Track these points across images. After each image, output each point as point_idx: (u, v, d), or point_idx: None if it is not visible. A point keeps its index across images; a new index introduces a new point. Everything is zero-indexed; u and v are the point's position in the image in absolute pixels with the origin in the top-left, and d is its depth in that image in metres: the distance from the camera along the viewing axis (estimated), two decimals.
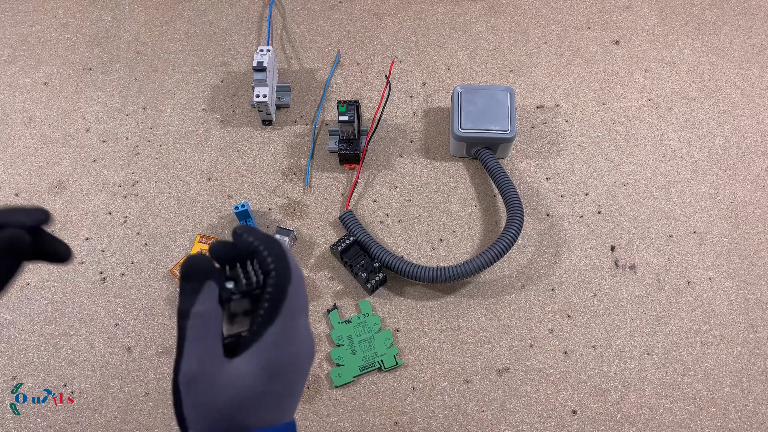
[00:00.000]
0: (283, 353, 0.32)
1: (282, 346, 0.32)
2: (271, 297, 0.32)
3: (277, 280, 0.32)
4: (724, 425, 0.65)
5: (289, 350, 0.32)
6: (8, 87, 0.87)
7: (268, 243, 0.33)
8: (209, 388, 0.30)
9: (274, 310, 0.31)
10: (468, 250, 0.75)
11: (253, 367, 0.31)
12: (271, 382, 0.31)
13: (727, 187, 0.79)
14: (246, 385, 0.31)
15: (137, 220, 0.77)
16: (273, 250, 0.33)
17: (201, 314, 0.31)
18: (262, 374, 0.31)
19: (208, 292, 0.31)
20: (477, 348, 0.69)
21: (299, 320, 0.33)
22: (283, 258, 0.33)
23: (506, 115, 0.76)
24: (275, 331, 0.31)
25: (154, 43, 0.91)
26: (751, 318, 0.71)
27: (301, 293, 0.33)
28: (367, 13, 0.94)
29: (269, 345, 0.31)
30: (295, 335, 0.32)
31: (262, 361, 0.31)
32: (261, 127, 0.83)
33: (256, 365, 0.31)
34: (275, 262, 0.32)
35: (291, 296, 0.32)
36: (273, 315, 0.31)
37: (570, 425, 0.65)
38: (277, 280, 0.32)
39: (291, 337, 0.32)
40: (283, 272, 0.32)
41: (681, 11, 0.93)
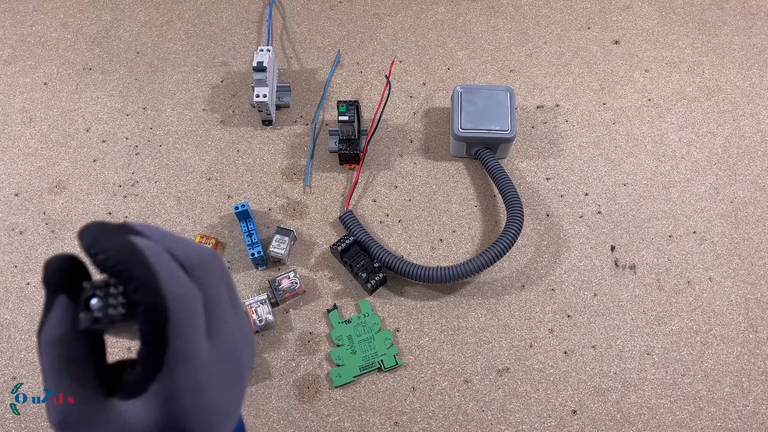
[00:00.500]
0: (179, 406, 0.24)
1: (176, 402, 0.24)
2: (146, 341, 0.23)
3: (147, 320, 0.22)
4: (724, 425, 0.65)
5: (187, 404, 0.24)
6: (8, 87, 0.87)
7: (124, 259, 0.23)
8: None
9: (153, 361, 0.23)
10: (468, 250, 0.75)
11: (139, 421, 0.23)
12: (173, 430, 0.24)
13: (727, 187, 0.79)
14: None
15: (137, 220, 0.77)
16: (134, 270, 0.22)
17: (50, 341, 0.24)
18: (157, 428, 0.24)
19: (59, 312, 0.24)
20: (477, 348, 0.69)
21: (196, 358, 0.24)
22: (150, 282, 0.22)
23: (506, 115, 0.76)
24: (161, 388, 0.23)
25: (154, 43, 0.91)
26: (751, 318, 0.71)
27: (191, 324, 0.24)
28: (367, 13, 0.94)
29: (157, 403, 0.23)
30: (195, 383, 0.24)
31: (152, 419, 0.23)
32: (261, 127, 0.83)
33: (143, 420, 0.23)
34: (140, 291, 0.22)
35: (174, 338, 0.23)
36: (153, 366, 0.23)
37: (570, 425, 0.65)
38: (147, 319, 0.22)
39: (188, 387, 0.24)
40: (153, 308, 0.22)
41: (681, 11, 0.93)
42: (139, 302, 0.22)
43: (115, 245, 0.23)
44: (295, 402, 0.67)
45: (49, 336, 0.24)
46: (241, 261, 0.74)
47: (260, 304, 0.69)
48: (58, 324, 0.24)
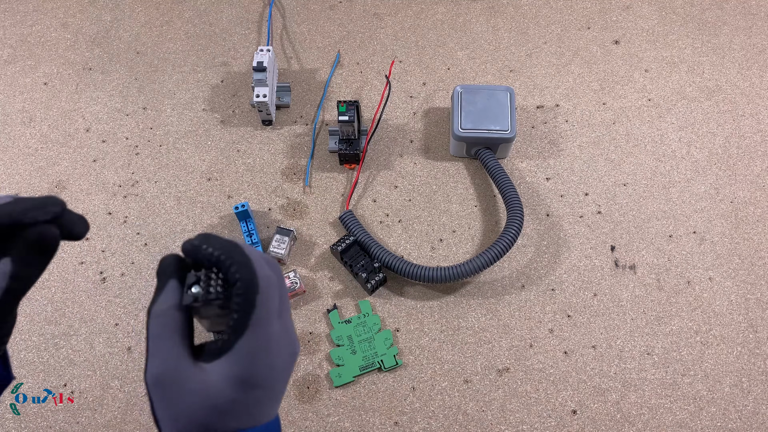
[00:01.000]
0: (253, 365, 0.30)
1: (253, 358, 0.30)
2: (239, 309, 0.30)
3: (243, 291, 0.30)
4: (724, 425, 0.65)
5: (261, 361, 0.31)
6: (8, 87, 0.87)
7: (229, 251, 0.31)
8: (176, 391, 0.29)
9: (242, 323, 0.30)
10: (468, 250, 0.75)
11: (223, 376, 0.30)
12: (243, 391, 0.30)
13: (727, 187, 0.79)
14: (216, 393, 0.30)
15: (137, 220, 0.77)
16: (236, 258, 0.31)
17: (159, 314, 0.30)
18: (232, 385, 0.30)
19: (168, 292, 0.31)
20: (477, 348, 0.69)
21: (272, 327, 0.31)
22: (248, 265, 0.30)
23: (506, 115, 0.76)
24: (245, 344, 0.30)
25: (154, 43, 0.91)
26: (751, 318, 0.71)
27: (272, 298, 0.31)
28: (367, 13, 0.94)
29: (239, 357, 0.30)
30: (268, 344, 0.31)
31: (233, 372, 0.30)
32: (261, 127, 0.83)
33: (226, 375, 0.30)
34: (240, 272, 0.30)
35: (260, 306, 0.30)
36: (242, 327, 0.30)
37: (570, 425, 0.65)
38: (244, 291, 0.30)
39: (262, 348, 0.31)
40: (249, 282, 0.30)
41: (681, 11, 0.93)
42: (238, 279, 0.30)
43: (220, 242, 0.31)
44: (295, 402, 0.67)
45: (159, 308, 0.30)
46: None
47: None
48: (168, 300, 0.31)
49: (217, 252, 0.31)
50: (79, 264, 0.74)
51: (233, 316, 0.30)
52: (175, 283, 0.31)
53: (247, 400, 0.31)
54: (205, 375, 0.30)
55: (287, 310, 0.33)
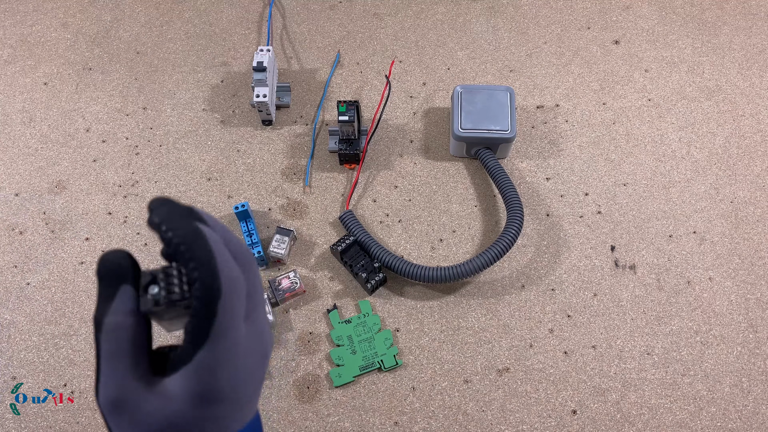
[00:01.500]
0: (214, 379, 0.27)
1: (213, 372, 0.27)
2: (197, 315, 0.26)
3: (202, 296, 0.26)
4: (724, 425, 0.65)
5: (222, 374, 0.27)
6: (8, 87, 0.87)
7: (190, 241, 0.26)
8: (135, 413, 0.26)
9: (201, 332, 0.26)
10: (468, 250, 0.75)
11: (181, 391, 0.27)
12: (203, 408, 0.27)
13: (727, 187, 0.79)
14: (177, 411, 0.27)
15: (137, 220, 0.77)
16: (196, 252, 0.26)
17: (113, 327, 0.26)
18: (194, 401, 0.27)
19: (122, 299, 0.26)
20: (477, 348, 0.69)
21: (236, 335, 0.27)
22: (209, 263, 0.26)
23: (506, 115, 0.76)
24: (203, 357, 0.26)
25: (154, 43, 0.91)
26: (751, 318, 0.71)
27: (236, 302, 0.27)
28: (367, 13, 0.94)
29: (197, 370, 0.26)
30: (231, 355, 0.27)
31: (191, 388, 0.27)
32: (261, 127, 0.83)
33: (184, 391, 0.27)
34: (199, 270, 0.26)
35: (222, 313, 0.26)
36: (200, 338, 0.26)
37: (570, 425, 0.65)
38: (203, 295, 0.26)
39: (224, 360, 0.27)
40: (209, 286, 0.26)
41: (681, 11, 0.93)
42: (197, 279, 0.26)
43: (183, 227, 0.26)
44: (295, 402, 0.67)
45: (112, 319, 0.26)
46: None
47: None
48: (122, 308, 0.26)
49: (177, 239, 0.26)
50: (79, 264, 0.74)
51: (191, 322, 0.26)
52: (128, 288, 0.26)
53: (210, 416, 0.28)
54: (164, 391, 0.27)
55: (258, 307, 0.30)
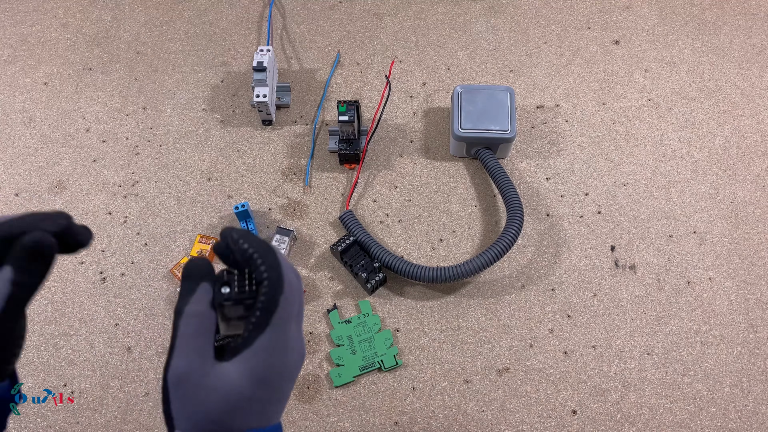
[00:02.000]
0: (271, 362, 0.32)
1: (271, 355, 0.32)
2: (263, 307, 0.32)
3: (269, 290, 0.32)
4: (724, 425, 0.65)
5: (277, 359, 0.32)
6: (8, 87, 0.87)
7: (263, 251, 0.33)
8: (197, 388, 0.30)
9: (265, 320, 0.31)
10: (468, 250, 0.75)
11: (241, 372, 0.31)
12: (258, 388, 0.32)
13: (727, 187, 0.79)
14: (233, 389, 0.31)
15: (137, 220, 0.77)
16: (267, 258, 0.32)
17: (192, 314, 0.31)
18: (249, 381, 0.31)
19: (202, 294, 0.32)
20: (477, 348, 0.69)
21: (290, 329, 0.33)
22: (277, 267, 0.32)
23: (506, 115, 0.76)
24: (265, 340, 0.31)
25: (154, 43, 0.91)
26: (751, 318, 0.71)
27: (293, 302, 0.33)
28: (367, 13, 0.94)
29: (258, 353, 0.31)
30: (285, 344, 0.32)
31: (251, 368, 0.31)
32: (261, 127, 0.83)
33: (244, 371, 0.31)
34: (268, 272, 0.32)
35: (282, 306, 0.32)
36: (263, 325, 0.31)
37: (570, 425, 0.65)
38: (269, 290, 0.32)
39: (280, 347, 0.32)
40: (275, 282, 0.32)
41: (681, 11, 0.93)
42: (266, 278, 0.32)
43: (257, 241, 0.33)
44: (295, 402, 0.67)
45: (192, 308, 0.32)
46: None
47: None
48: (201, 300, 0.32)
49: (252, 249, 0.33)
50: (79, 264, 0.74)
51: (256, 314, 0.32)
52: (207, 285, 0.32)
53: (261, 398, 0.32)
54: (225, 372, 0.31)
55: (301, 316, 0.35)
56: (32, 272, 0.31)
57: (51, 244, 0.32)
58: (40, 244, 0.31)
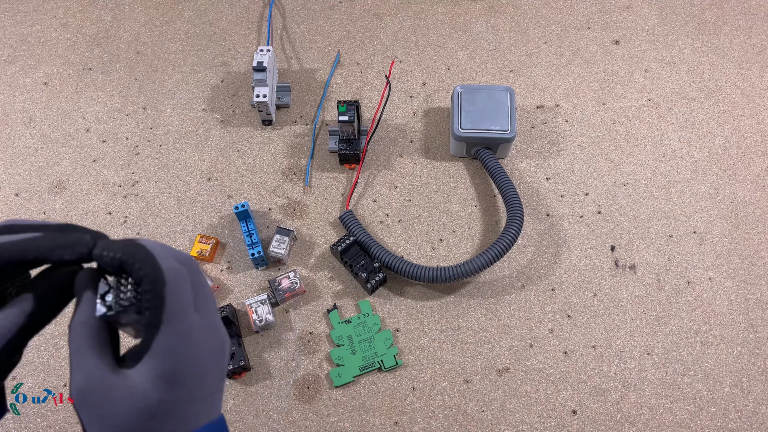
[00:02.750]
0: (175, 360, 0.30)
1: (172, 353, 0.30)
2: (149, 304, 0.29)
3: (150, 287, 0.29)
4: (724, 425, 0.65)
5: (182, 356, 0.30)
6: (8, 87, 0.87)
7: (130, 251, 0.30)
8: (103, 402, 0.29)
9: (155, 318, 0.29)
10: (468, 250, 0.75)
11: (146, 377, 0.29)
12: (169, 390, 0.30)
13: (727, 187, 0.79)
14: (143, 397, 0.29)
15: (137, 220, 0.77)
16: (138, 255, 0.30)
17: (77, 326, 0.30)
18: (157, 385, 0.29)
19: (85, 304, 0.30)
20: (477, 348, 0.69)
21: (189, 320, 0.30)
22: (150, 260, 0.29)
23: (506, 115, 0.76)
24: (162, 340, 0.29)
25: (154, 43, 0.91)
26: (751, 318, 0.71)
27: (183, 290, 0.30)
28: (367, 13, 0.94)
29: (158, 354, 0.29)
30: (188, 337, 0.30)
31: (155, 371, 0.29)
32: (261, 127, 0.83)
33: (149, 376, 0.29)
34: (143, 268, 0.29)
35: (170, 298, 0.29)
36: (156, 323, 0.29)
37: (570, 425, 0.65)
38: (150, 286, 0.29)
39: (182, 341, 0.30)
40: (153, 276, 0.29)
41: (681, 11, 0.93)
42: (143, 276, 0.29)
43: (119, 244, 0.30)
44: (295, 402, 0.67)
45: (76, 320, 0.30)
46: (241, 261, 0.74)
47: (260, 304, 0.69)
48: (82, 312, 0.30)
49: (118, 254, 0.30)
50: None
51: (145, 314, 0.29)
52: (90, 294, 0.30)
53: (175, 398, 0.30)
54: (129, 380, 0.29)
55: (209, 305, 0.33)
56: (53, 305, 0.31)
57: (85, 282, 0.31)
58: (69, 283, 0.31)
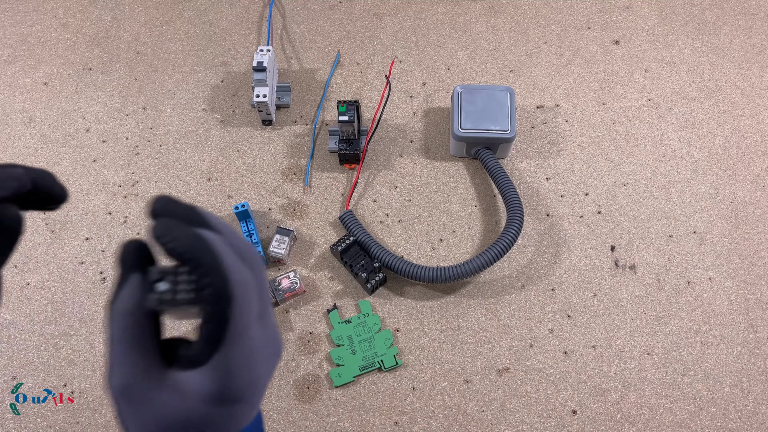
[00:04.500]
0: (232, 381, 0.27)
1: (230, 374, 0.27)
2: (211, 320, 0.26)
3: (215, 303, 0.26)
4: (724, 425, 0.65)
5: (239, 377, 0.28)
6: (8, 87, 0.87)
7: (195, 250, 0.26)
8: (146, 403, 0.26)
9: (216, 337, 0.26)
10: (468, 250, 0.75)
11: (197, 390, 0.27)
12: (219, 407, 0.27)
13: (727, 187, 0.79)
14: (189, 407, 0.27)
15: (137, 220, 0.77)
16: (204, 259, 0.26)
17: (122, 314, 0.26)
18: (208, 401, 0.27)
19: (132, 289, 0.27)
20: (477, 348, 0.69)
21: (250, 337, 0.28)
22: (219, 270, 0.26)
23: (506, 115, 0.76)
24: (221, 359, 0.27)
25: (154, 43, 0.91)
26: (751, 318, 0.71)
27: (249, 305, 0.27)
28: (367, 13, 0.94)
29: (215, 373, 0.27)
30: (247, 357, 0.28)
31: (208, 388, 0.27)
32: (261, 127, 0.83)
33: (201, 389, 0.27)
34: (210, 276, 0.26)
35: (235, 318, 0.26)
36: (215, 341, 0.26)
37: (570, 425, 0.65)
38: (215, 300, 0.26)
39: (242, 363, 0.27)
40: (220, 292, 0.26)
41: (681, 11, 0.93)
42: (208, 285, 0.25)
43: (184, 235, 0.26)
44: (295, 402, 0.67)
45: (120, 308, 0.26)
46: None
47: None
48: (129, 298, 0.26)
49: (180, 248, 0.26)
50: (79, 264, 0.74)
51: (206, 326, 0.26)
52: (137, 278, 0.27)
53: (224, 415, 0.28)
54: (179, 385, 0.27)
55: (269, 310, 0.30)
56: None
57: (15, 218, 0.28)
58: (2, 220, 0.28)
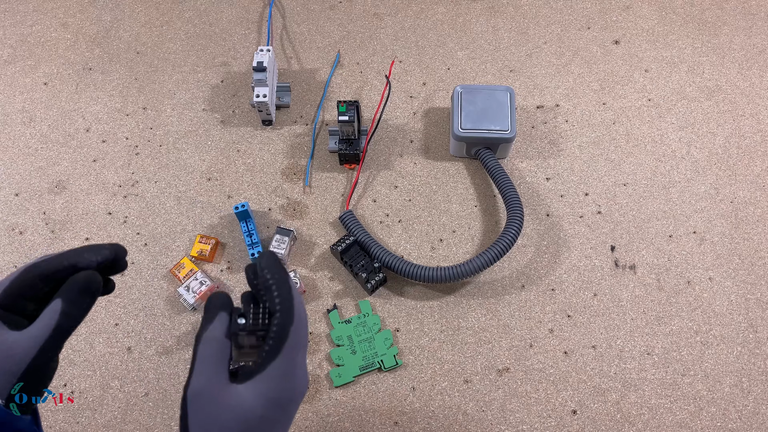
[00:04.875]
0: (282, 385, 0.35)
1: (281, 379, 0.35)
2: (275, 336, 0.35)
3: (280, 321, 0.36)
4: (724, 425, 0.65)
5: (287, 383, 0.36)
6: (8, 87, 0.87)
7: (280, 283, 0.37)
8: (213, 406, 0.34)
9: (277, 348, 0.35)
10: (468, 250, 0.75)
11: (254, 394, 0.34)
12: (269, 409, 0.35)
13: (727, 187, 0.79)
14: (247, 408, 0.34)
15: (137, 220, 0.77)
16: (282, 290, 0.37)
17: (209, 340, 0.36)
18: (262, 401, 0.34)
19: (219, 322, 0.36)
20: (477, 348, 0.69)
21: (298, 357, 0.36)
22: (289, 300, 0.36)
23: (506, 115, 0.76)
24: (276, 366, 0.35)
25: (154, 43, 0.91)
26: (751, 318, 0.71)
27: (301, 333, 0.37)
28: (367, 13, 0.94)
29: (270, 377, 0.35)
30: (293, 371, 0.36)
31: (263, 391, 0.35)
32: (261, 127, 0.83)
33: (257, 393, 0.34)
34: (281, 304, 0.36)
35: (292, 336, 0.36)
36: (275, 352, 0.35)
37: (570, 425, 0.65)
38: (281, 320, 0.36)
39: (289, 373, 0.36)
40: (287, 314, 0.36)
41: (681, 11, 0.93)
42: (279, 309, 0.36)
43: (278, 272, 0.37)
44: None
45: (210, 334, 0.36)
46: (241, 261, 0.74)
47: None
48: (218, 328, 0.36)
49: (272, 280, 0.37)
50: None
51: (269, 342, 0.35)
52: (225, 315, 0.37)
53: (271, 418, 0.35)
54: (239, 393, 0.34)
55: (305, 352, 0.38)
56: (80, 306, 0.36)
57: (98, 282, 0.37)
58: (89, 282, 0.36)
